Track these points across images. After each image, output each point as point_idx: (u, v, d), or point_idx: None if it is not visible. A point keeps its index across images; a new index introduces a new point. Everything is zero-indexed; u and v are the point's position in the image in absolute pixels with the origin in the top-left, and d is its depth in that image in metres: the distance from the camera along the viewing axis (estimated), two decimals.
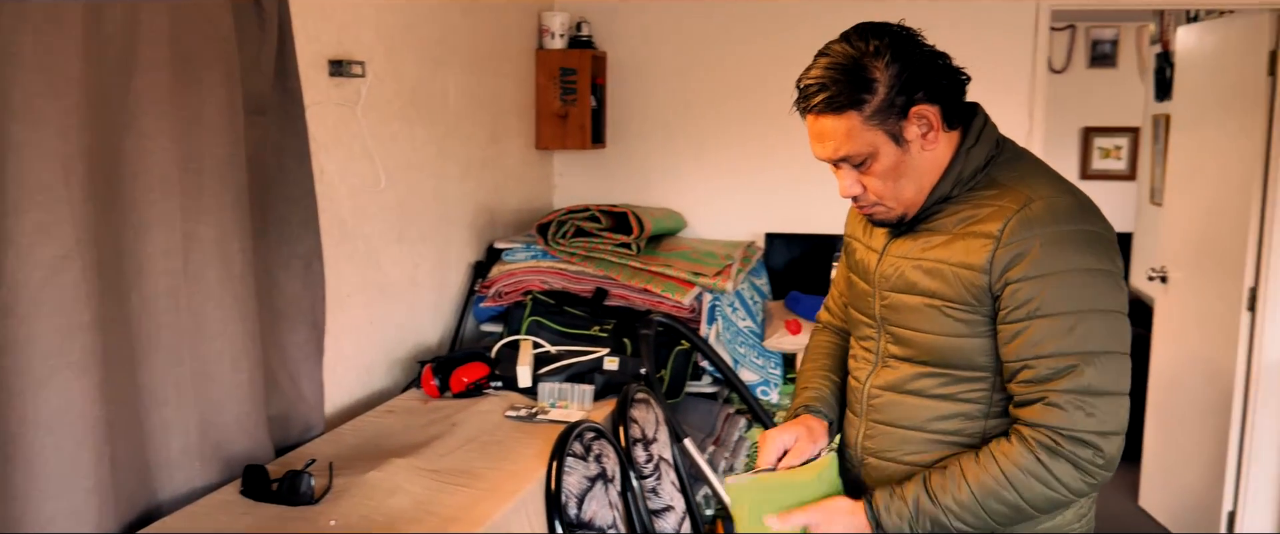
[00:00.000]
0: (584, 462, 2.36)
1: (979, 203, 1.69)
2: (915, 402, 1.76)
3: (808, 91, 1.71)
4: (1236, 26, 4.21)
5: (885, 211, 1.76)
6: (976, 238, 1.65)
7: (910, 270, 1.74)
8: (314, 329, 2.49)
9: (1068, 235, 1.62)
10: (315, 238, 2.47)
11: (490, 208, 3.70)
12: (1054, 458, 1.60)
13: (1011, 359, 1.64)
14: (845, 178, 1.75)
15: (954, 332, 1.69)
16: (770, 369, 3.51)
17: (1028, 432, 1.62)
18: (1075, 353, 1.59)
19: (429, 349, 3.28)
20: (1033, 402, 1.62)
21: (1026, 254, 1.60)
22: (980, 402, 1.72)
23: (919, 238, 1.75)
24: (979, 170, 1.72)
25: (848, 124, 1.67)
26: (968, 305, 1.67)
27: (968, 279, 1.65)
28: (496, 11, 3.65)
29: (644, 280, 3.37)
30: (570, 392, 2.73)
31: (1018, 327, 1.62)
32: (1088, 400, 1.58)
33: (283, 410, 2.43)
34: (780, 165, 4.19)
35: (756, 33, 4.14)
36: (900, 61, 1.66)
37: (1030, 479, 1.61)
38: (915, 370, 1.76)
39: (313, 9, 2.58)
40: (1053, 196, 1.65)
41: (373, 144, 2.86)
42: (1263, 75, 3.95)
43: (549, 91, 4.04)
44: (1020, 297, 1.61)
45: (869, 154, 1.68)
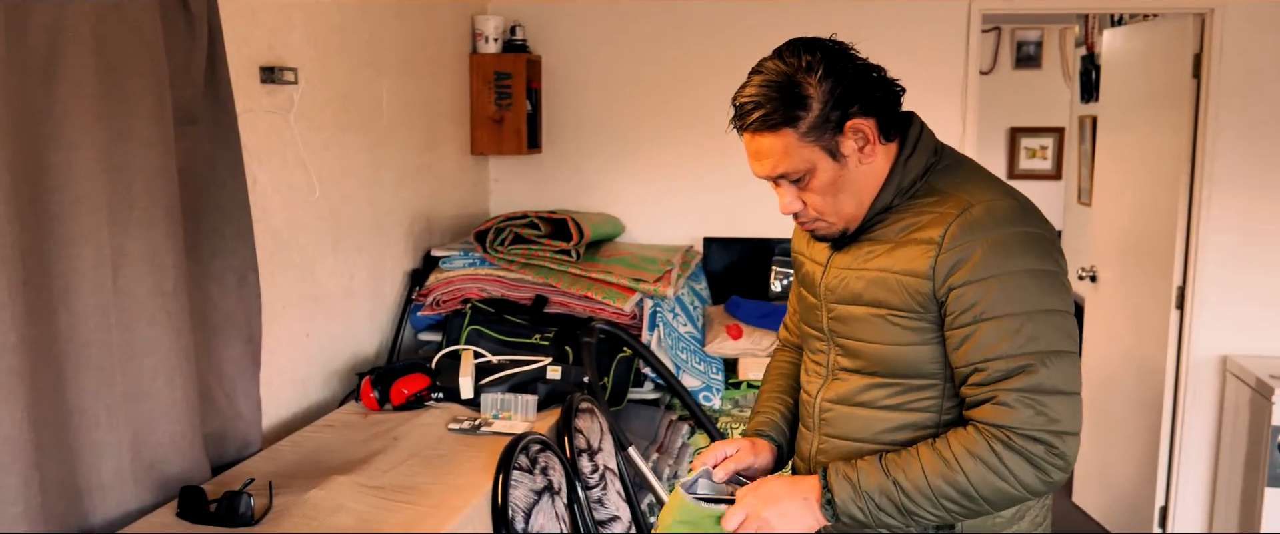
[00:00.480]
0: (530, 474, 2.32)
1: (919, 210, 1.69)
2: (866, 414, 1.76)
3: (743, 110, 1.70)
4: (1161, 30, 4.30)
5: (826, 227, 1.76)
6: (918, 245, 1.65)
7: (854, 281, 1.74)
8: (250, 344, 2.42)
9: (1009, 237, 1.62)
10: (250, 250, 2.40)
11: (426, 215, 3.64)
12: (1007, 451, 1.58)
13: (961, 364, 1.64)
14: (785, 195, 1.74)
15: (901, 340, 1.69)
16: (712, 374, 3.50)
17: (984, 428, 1.61)
18: (1024, 353, 1.58)
19: (367, 360, 3.21)
20: (983, 402, 1.62)
21: (969, 258, 1.60)
22: (931, 410, 1.71)
23: (862, 248, 1.75)
24: (918, 179, 1.72)
25: (784, 142, 1.66)
26: (913, 313, 1.67)
27: (912, 286, 1.65)
28: (429, 15, 3.59)
29: (584, 287, 3.34)
30: (514, 402, 2.69)
31: (965, 331, 1.62)
32: (1038, 399, 1.58)
33: (219, 428, 2.36)
34: (717, 169, 4.18)
35: (692, 37, 4.13)
36: (834, 76, 1.65)
37: (985, 470, 1.59)
38: (865, 382, 1.76)
39: (242, 13, 2.51)
40: (992, 200, 1.66)
41: (306, 152, 2.80)
42: (1187, 77, 4.04)
43: (484, 96, 3.99)
44: (965, 301, 1.61)
45: (806, 170, 1.68)
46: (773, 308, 3.69)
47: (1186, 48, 4.04)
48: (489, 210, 4.27)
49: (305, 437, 2.57)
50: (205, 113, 2.29)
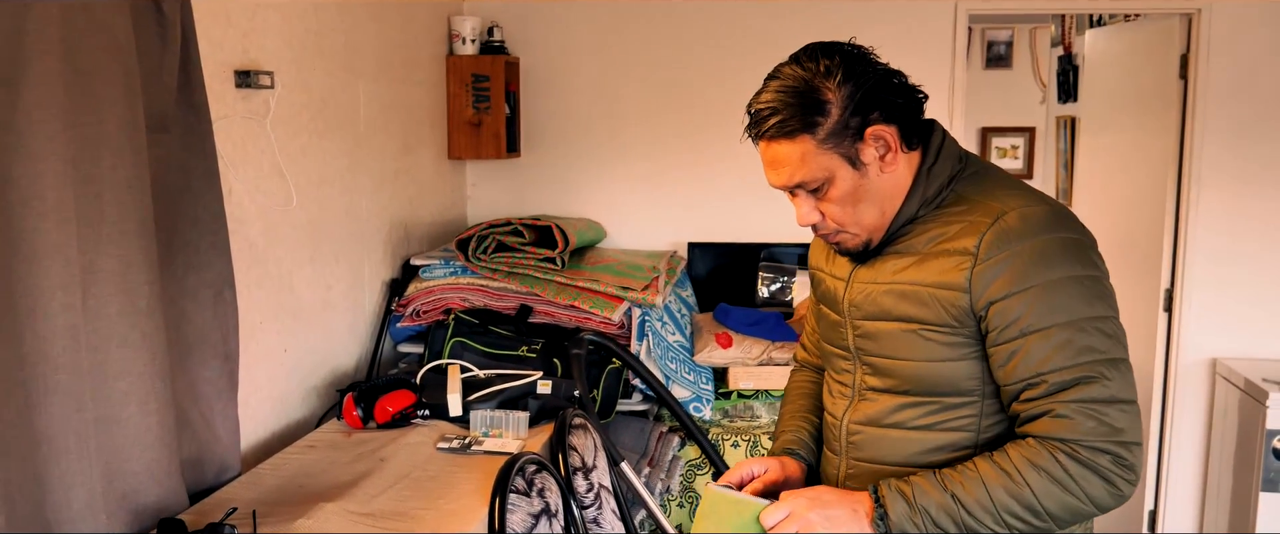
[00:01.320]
0: (527, 497, 2.21)
1: (948, 220, 1.62)
2: (898, 435, 1.67)
3: (759, 117, 1.62)
4: (1146, 31, 4.26)
5: (850, 239, 1.68)
6: (951, 256, 1.58)
7: (882, 295, 1.65)
8: (227, 362, 2.29)
9: (1047, 245, 1.55)
10: (226, 263, 2.27)
11: (404, 222, 3.51)
12: (1073, 462, 1.51)
13: (1011, 381, 1.56)
14: (802, 205, 1.66)
15: (936, 355, 1.61)
16: (702, 385, 3.41)
17: (1045, 441, 1.52)
18: (1080, 364, 1.51)
19: (346, 374, 3.09)
20: (1040, 416, 1.53)
21: (1007, 269, 1.53)
22: (969, 429, 1.63)
23: (887, 261, 1.67)
24: (944, 188, 1.65)
25: (801, 149, 1.60)
26: (949, 327, 1.59)
27: (947, 299, 1.57)
28: (405, 16, 3.47)
29: (571, 296, 3.23)
30: (504, 420, 2.57)
31: (1012, 346, 1.54)
32: (1099, 409, 1.50)
33: (196, 453, 2.23)
34: (701, 173, 4.09)
35: (674, 37, 4.04)
36: (853, 81, 1.58)
37: (1052, 484, 1.51)
38: (896, 401, 1.67)
39: (215, 15, 2.39)
40: (1026, 207, 1.58)
41: (283, 159, 2.67)
42: (1174, 78, 4.00)
43: (461, 99, 3.87)
44: (1008, 315, 1.54)
45: (825, 179, 1.61)
46: (763, 315, 3.60)
47: (1173, 48, 4.00)
48: (467, 216, 4.15)
49: (287, 459, 2.44)
50: (178, 119, 2.16)
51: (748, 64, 3.99)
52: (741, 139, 1.70)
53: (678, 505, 3.33)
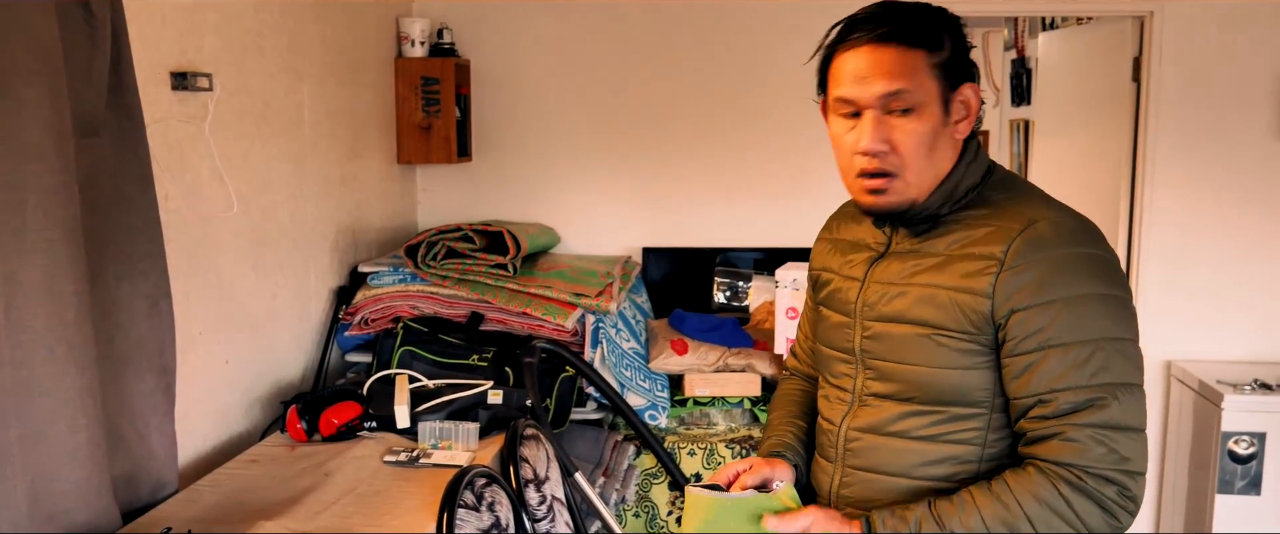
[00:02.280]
0: (476, 512, 2.14)
1: (972, 223, 1.57)
2: (900, 445, 1.61)
3: (872, 17, 1.53)
4: (1099, 34, 4.27)
5: (900, 188, 1.56)
6: (976, 260, 1.53)
7: (898, 297, 1.60)
8: (163, 375, 2.20)
9: (1076, 258, 1.50)
10: (162, 273, 2.18)
11: (352, 228, 3.43)
12: (1077, 494, 1.46)
13: (1023, 394, 1.51)
14: (873, 127, 1.52)
15: (950, 363, 1.55)
16: (658, 392, 3.35)
17: (1046, 466, 1.47)
18: (1094, 385, 1.46)
19: (291, 385, 3.00)
20: (1047, 438, 1.48)
21: (1034, 278, 1.48)
22: (974, 443, 1.58)
23: (907, 261, 1.61)
24: (972, 189, 1.60)
25: (913, 61, 1.51)
26: (967, 334, 1.53)
27: (968, 305, 1.52)
28: (351, 17, 3.39)
29: (523, 303, 3.17)
30: (454, 431, 2.50)
31: (1029, 358, 1.49)
32: (1109, 435, 1.45)
33: (130, 469, 2.14)
34: (656, 177, 4.04)
35: (625, 39, 3.98)
36: (959, 41, 1.56)
37: (1047, 512, 1.46)
38: (901, 409, 1.61)
39: (149, 15, 2.30)
40: (1058, 218, 1.54)
41: (223, 164, 2.58)
42: (1127, 81, 4.00)
43: (410, 102, 3.79)
44: (1030, 325, 1.48)
45: (920, 103, 1.51)
46: (719, 321, 3.55)
47: (1126, 51, 4.01)
48: (417, 222, 4.07)
49: (227, 474, 2.36)
50: (109, 123, 2.07)
51: (700, 66, 3.97)
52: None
53: (634, 515, 3.27)
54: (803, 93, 3.91)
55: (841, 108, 1.57)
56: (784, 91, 3.95)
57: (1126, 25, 3.99)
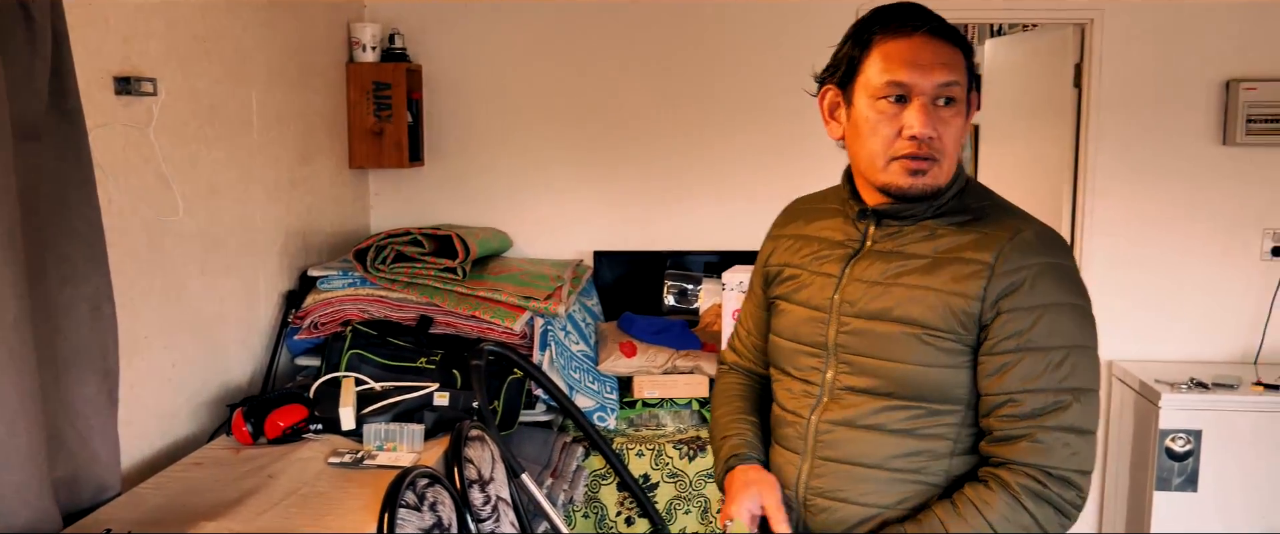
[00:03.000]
0: (418, 512, 2.17)
1: (959, 228, 1.64)
2: (874, 438, 1.66)
3: (920, 12, 1.63)
4: (1042, 40, 4.35)
5: (938, 173, 1.62)
6: (967, 264, 1.60)
7: (882, 296, 1.65)
8: (106, 379, 2.21)
9: (1058, 268, 1.60)
10: (104, 276, 2.19)
11: (302, 232, 3.44)
12: (1038, 503, 1.55)
13: (994, 392, 1.58)
14: (927, 114, 1.59)
15: (934, 361, 1.61)
16: (606, 394, 3.39)
17: (1009, 475, 1.56)
18: (1063, 389, 1.55)
19: (240, 390, 3.01)
20: (1017, 438, 1.56)
21: (1022, 284, 1.57)
22: (947, 437, 1.64)
23: (890, 261, 1.67)
24: (951, 198, 1.67)
25: (958, 58, 1.61)
26: (954, 334, 1.60)
27: (958, 307, 1.59)
28: (301, 21, 3.40)
29: (471, 307, 3.19)
30: (399, 433, 2.53)
31: (1004, 359, 1.57)
32: (1072, 438, 1.55)
33: (71, 472, 2.15)
34: (606, 181, 4.08)
35: (577, 45, 4.02)
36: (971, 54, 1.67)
37: (1015, 528, 1.55)
38: (877, 404, 1.65)
39: (92, 20, 2.31)
40: (1041, 228, 1.64)
41: (168, 168, 2.60)
42: (1068, 87, 4.08)
43: (362, 107, 3.80)
44: (1011, 327, 1.56)
45: (960, 100, 1.62)
46: (667, 324, 3.60)
47: (1067, 57, 4.09)
48: (370, 227, 4.08)
49: (170, 477, 2.37)
50: (51, 127, 2.07)
51: (653, 72, 4.01)
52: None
53: (583, 516, 3.30)
54: (753, 99, 3.98)
55: (890, 91, 1.60)
56: (735, 97, 4.00)
57: (1068, 32, 4.07)
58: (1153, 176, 4.00)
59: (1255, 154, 3.96)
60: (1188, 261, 4.03)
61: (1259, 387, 3.65)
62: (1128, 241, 4.03)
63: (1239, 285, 4.03)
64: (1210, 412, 3.61)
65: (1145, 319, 4.06)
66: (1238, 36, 3.91)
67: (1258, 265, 4.01)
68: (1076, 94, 4.06)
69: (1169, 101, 3.96)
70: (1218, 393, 3.63)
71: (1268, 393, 3.61)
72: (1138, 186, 4.01)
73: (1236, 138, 3.89)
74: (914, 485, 1.65)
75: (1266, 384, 3.66)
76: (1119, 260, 4.04)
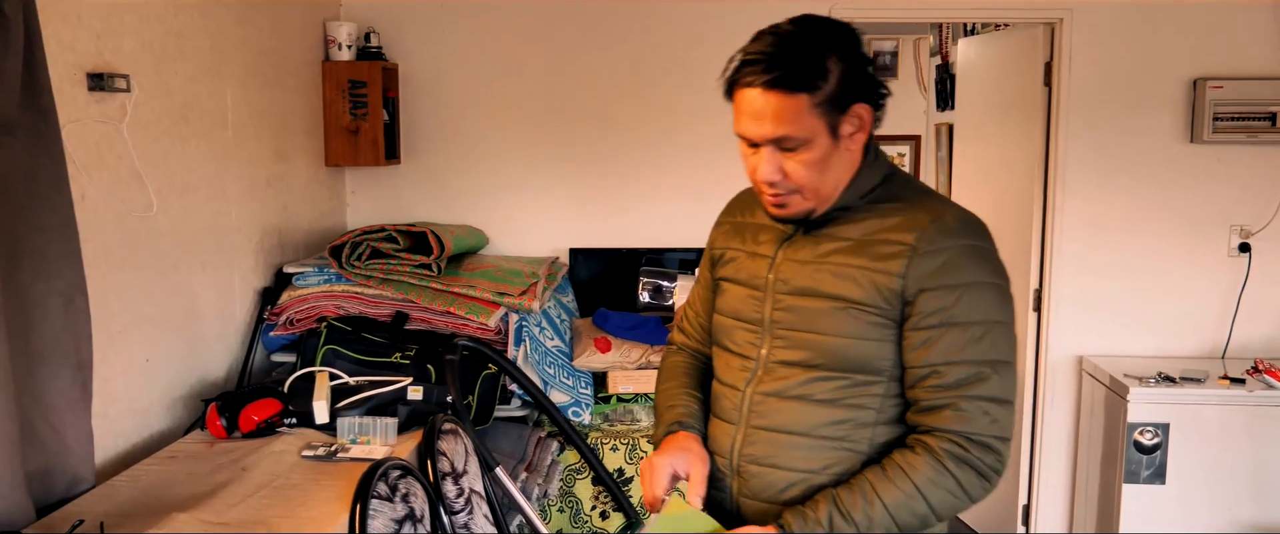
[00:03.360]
0: (390, 503, 2.19)
1: (884, 214, 1.73)
2: (804, 407, 1.75)
3: (756, 63, 1.65)
4: (1013, 39, 4.40)
5: (800, 203, 1.73)
6: (890, 245, 1.70)
7: (813, 274, 1.75)
8: (79, 371, 2.22)
9: (977, 250, 1.70)
10: (77, 270, 2.21)
11: (278, 230, 3.45)
12: (961, 466, 1.65)
13: (919, 364, 1.68)
14: (768, 161, 1.69)
15: (859, 334, 1.71)
16: (581, 389, 3.41)
17: (934, 441, 1.67)
18: (983, 361, 1.66)
19: (215, 385, 3.03)
20: (941, 407, 1.67)
21: (943, 264, 1.67)
22: (871, 407, 1.74)
23: (820, 242, 1.76)
24: (877, 185, 1.77)
25: (796, 106, 1.64)
26: (879, 309, 1.69)
27: (882, 283, 1.69)
28: (276, 20, 3.42)
29: (446, 302, 3.21)
30: (372, 426, 2.55)
31: (929, 333, 1.67)
32: (992, 407, 1.66)
33: (44, 465, 2.16)
34: (582, 179, 4.11)
35: (552, 43, 4.05)
36: (850, 60, 1.66)
37: (939, 491, 1.66)
38: (807, 375, 1.75)
39: (65, 16, 2.32)
40: (962, 213, 1.74)
41: (142, 164, 2.61)
42: (1039, 85, 4.13)
43: (338, 105, 3.82)
44: (934, 304, 1.66)
45: (806, 140, 1.66)
46: (641, 320, 3.63)
47: (1038, 56, 4.14)
48: (346, 224, 4.10)
49: (144, 471, 2.38)
50: (23, 123, 2.09)
51: (626, 70, 4.04)
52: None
53: (558, 510, 3.33)
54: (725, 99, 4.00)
55: (742, 136, 1.72)
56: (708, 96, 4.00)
57: (1038, 31, 4.12)
58: (1122, 174, 4.05)
59: (1222, 151, 4.02)
60: (1156, 258, 4.09)
61: (1225, 380, 3.71)
62: (1098, 238, 4.08)
63: (1207, 281, 4.08)
64: (1178, 406, 3.67)
65: (1115, 315, 4.11)
66: (1204, 36, 3.96)
67: (1225, 261, 4.07)
68: (1047, 93, 4.11)
69: (1137, 100, 4.02)
70: (1185, 387, 3.68)
71: (1234, 387, 3.66)
72: (1107, 183, 4.06)
73: (1203, 135, 3.94)
74: (839, 452, 1.74)
75: (1233, 378, 3.71)
76: (1089, 256, 4.09)
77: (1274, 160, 4.00)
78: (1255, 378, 3.72)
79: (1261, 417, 3.63)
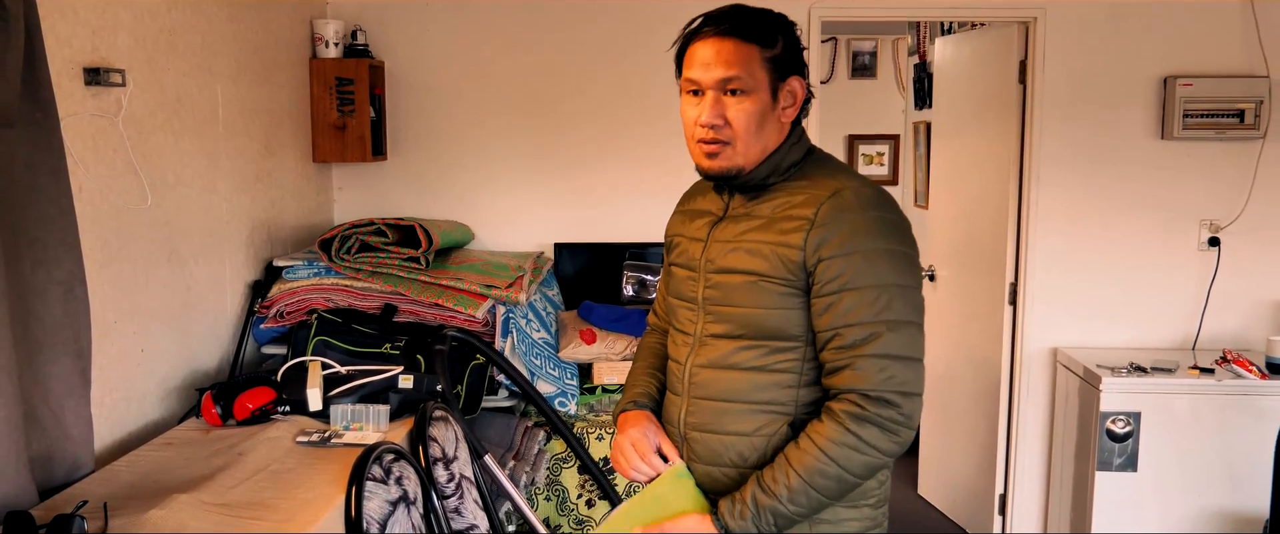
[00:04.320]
0: (384, 485, 2.25)
1: (793, 191, 1.87)
2: (734, 375, 1.90)
3: (720, 15, 1.85)
4: (988, 38, 4.48)
5: (731, 155, 1.86)
6: (793, 220, 1.83)
7: (732, 252, 1.89)
8: (78, 359, 2.27)
9: (872, 221, 1.82)
10: (76, 260, 2.26)
11: (267, 224, 3.50)
12: (861, 424, 1.76)
13: (824, 329, 1.81)
14: (712, 106, 1.84)
15: (773, 304, 1.84)
16: (567, 380, 3.47)
17: (836, 404, 1.79)
18: (878, 321, 1.77)
19: (207, 376, 3.07)
20: (841, 368, 1.79)
21: (837, 234, 1.79)
22: (792, 371, 1.87)
23: (739, 224, 1.91)
24: (794, 165, 1.91)
25: (748, 53, 1.82)
26: (785, 280, 1.83)
27: (785, 256, 1.82)
28: (265, 17, 3.47)
29: (435, 295, 3.27)
30: (364, 413, 2.60)
31: (829, 299, 1.79)
32: (888, 364, 1.76)
33: (46, 450, 2.21)
34: (567, 174, 4.17)
35: (538, 40, 4.11)
36: (791, 42, 1.87)
37: (845, 449, 1.77)
38: (734, 345, 1.90)
39: (62, 11, 2.37)
40: (859, 187, 1.86)
41: (137, 158, 2.66)
42: (1014, 83, 4.22)
43: (325, 102, 3.87)
44: (831, 272, 1.79)
45: (752, 88, 1.83)
46: (626, 312, 3.69)
47: (1012, 55, 4.23)
48: (333, 220, 4.15)
49: (142, 456, 2.44)
50: (24, 115, 2.14)
51: (611, 66, 4.10)
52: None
53: (544, 498, 3.39)
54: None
55: (688, 86, 1.89)
56: None
57: (1013, 30, 4.21)
58: (1095, 170, 4.15)
59: (1192, 148, 4.11)
60: (1129, 252, 4.18)
61: (1195, 371, 3.80)
62: (1072, 232, 4.17)
63: (1178, 274, 4.18)
64: (1149, 395, 3.76)
65: (1087, 308, 4.20)
66: (1174, 35, 4.06)
67: (1195, 255, 4.17)
68: (1021, 90, 4.20)
69: (1110, 97, 4.11)
70: (1156, 377, 3.77)
71: (1203, 376, 3.76)
72: (1081, 179, 4.15)
73: (1174, 132, 4.04)
74: (768, 415, 1.88)
75: (1202, 368, 3.81)
76: (1063, 250, 4.18)
77: (1242, 156, 4.10)
78: (1224, 368, 3.82)
79: (1230, 405, 3.73)
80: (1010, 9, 4.13)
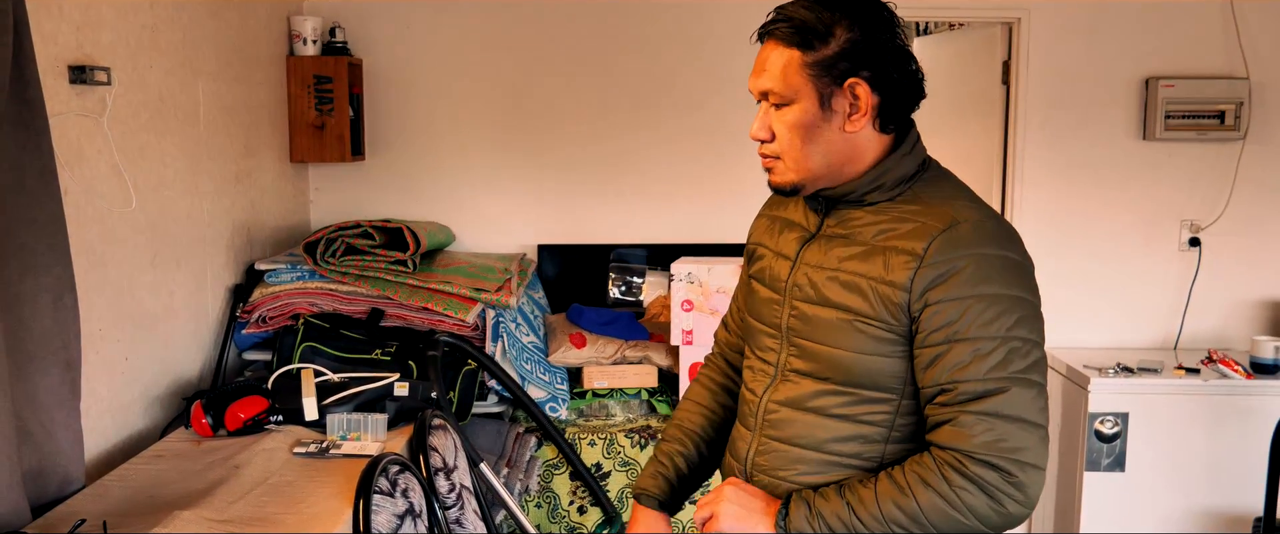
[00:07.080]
0: (391, 498, 2.18)
1: (900, 216, 1.63)
2: (814, 420, 1.69)
3: (774, 19, 1.65)
4: (970, 39, 4.48)
5: (782, 170, 1.68)
6: (898, 254, 1.59)
7: (825, 282, 1.66)
8: (68, 370, 2.17)
9: (992, 260, 1.57)
10: (65, 266, 2.16)
11: (248, 226, 3.40)
12: (962, 480, 1.53)
13: (929, 384, 1.58)
14: (760, 118, 1.68)
15: (866, 349, 1.62)
16: (557, 385, 3.41)
17: (930, 457, 1.57)
18: (993, 378, 1.53)
19: (190, 384, 2.97)
20: (943, 423, 1.57)
21: (950, 275, 1.55)
22: (882, 425, 1.65)
23: (834, 247, 1.68)
24: (902, 181, 1.66)
25: (786, 60, 1.62)
26: (884, 323, 1.60)
27: (887, 295, 1.59)
28: (243, 13, 3.37)
29: (423, 298, 3.19)
30: (363, 422, 2.52)
31: (936, 349, 1.56)
32: (998, 424, 1.52)
33: (37, 464, 2.11)
34: (549, 175, 4.10)
35: (518, 39, 4.04)
36: (860, 31, 1.60)
37: (940, 502, 1.54)
38: (818, 387, 1.68)
39: (46, 7, 2.27)
40: (980, 220, 1.60)
41: (122, 159, 2.56)
42: (997, 84, 4.21)
43: (303, 101, 3.77)
44: (940, 318, 1.55)
45: (789, 99, 1.63)
46: (615, 315, 3.64)
47: (995, 55, 4.22)
48: (310, 221, 4.05)
49: (133, 470, 2.34)
50: (11, 116, 2.04)
51: (593, 66, 4.04)
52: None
53: (536, 506, 3.32)
54: (694, 93, 4.04)
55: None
56: (676, 92, 4.06)
57: (996, 31, 4.21)
58: (1077, 170, 4.15)
59: (1173, 148, 4.13)
60: (1111, 252, 4.19)
61: (1180, 370, 3.82)
62: (1055, 232, 4.18)
63: (1159, 274, 4.20)
64: (1136, 395, 3.77)
65: (1074, 308, 4.20)
66: (1156, 36, 4.08)
67: (1176, 255, 4.19)
68: (1005, 91, 4.19)
69: (1092, 98, 4.12)
70: (1143, 377, 3.78)
71: (1189, 376, 3.77)
72: (1063, 180, 4.16)
73: (1156, 133, 4.05)
74: (847, 469, 1.67)
75: (1188, 368, 3.82)
76: (1047, 250, 4.16)
77: (1222, 157, 4.13)
78: (1210, 367, 3.84)
79: (1216, 405, 3.74)
80: (994, 10, 4.12)
